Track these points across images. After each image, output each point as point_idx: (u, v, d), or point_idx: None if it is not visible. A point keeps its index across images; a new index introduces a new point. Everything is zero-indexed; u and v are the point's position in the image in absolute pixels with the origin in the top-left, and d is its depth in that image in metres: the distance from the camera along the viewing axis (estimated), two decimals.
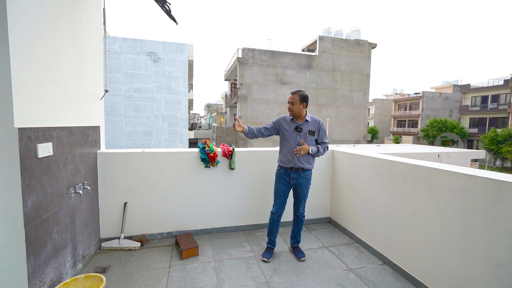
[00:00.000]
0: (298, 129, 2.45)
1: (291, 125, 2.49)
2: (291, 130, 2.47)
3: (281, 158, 2.54)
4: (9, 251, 1.49)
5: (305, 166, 2.46)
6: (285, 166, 2.49)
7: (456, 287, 1.81)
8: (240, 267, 2.38)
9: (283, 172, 2.51)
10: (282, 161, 2.51)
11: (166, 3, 2.32)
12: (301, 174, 2.48)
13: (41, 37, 1.70)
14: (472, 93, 30.21)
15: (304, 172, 2.49)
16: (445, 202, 1.88)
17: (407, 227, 2.22)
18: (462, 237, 1.76)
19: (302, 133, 2.45)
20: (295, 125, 2.47)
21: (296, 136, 2.45)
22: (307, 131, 2.46)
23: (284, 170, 2.51)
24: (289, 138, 2.46)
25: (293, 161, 2.44)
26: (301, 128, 2.45)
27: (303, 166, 2.45)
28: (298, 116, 2.48)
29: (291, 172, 2.48)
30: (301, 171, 2.47)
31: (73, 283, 1.74)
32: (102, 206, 2.71)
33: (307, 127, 2.47)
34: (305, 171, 2.49)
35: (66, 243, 2.00)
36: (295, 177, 2.48)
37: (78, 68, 2.23)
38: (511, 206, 1.50)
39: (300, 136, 2.44)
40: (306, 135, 2.46)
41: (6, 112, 1.43)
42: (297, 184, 2.50)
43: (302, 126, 2.46)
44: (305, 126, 2.47)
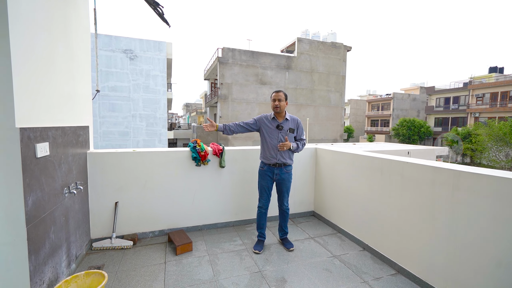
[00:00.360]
0: (279, 127, 2.61)
1: (272, 124, 2.63)
2: (273, 128, 2.62)
3: (264, 155, 2.67)
4: (11, 250, 1.50)
5: (287, 162, 2.64)
6: (269, 163, 2.63)
7: (425, 263, 2.09)
8: (234, 259, 2.51)
9: (267, 169, 2.66)
10: (266, 158, 2.64)
11: (159, 6, 2.38)
12: (284, 169, 2.65)
13: (37, 37, 1.71)
14: (436, 94, 32.66)
15: (286, 167, 2.66)
16: (415, 191, 2.16)
17: (383, 216, 2.49)
18: (429, 220, 2.05)
19: (283, 131, 2.61)
20: (276, 123, 2.62)
21: (278, 133, 2.60)
22: (287, 129, 2.63)
23: (268, 166, 2.65)
24: (272, 136, 2.61)
25: (276, 157, 2.60)
26: (282, 126, 2.61)
27: (285, 162, 2.63)
28: (282, 113, 2.64)
29: (274, 168, 2.63)
30: (283, 166, 2.64)
31: (74, 280, 1.76)
32: (92, 206, 2.70)
33: (287, 125, 2.64)
34: (287, 166, 2.67)
35: (61, 242, 2.00)
36: (278, 172, 2.64)
37: (69, 68, 2.23)
38: (468, 192, 1.79)
39: (282, 133, 2.60)
40: (287, 133, 2.62)
41: (8, 112, 1.45)
42: (280, 179, 2.67)
43: (283, 124, 2.63)
44: (285, 124, 2.64)
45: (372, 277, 2.25)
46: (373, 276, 2.26)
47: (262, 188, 2.70)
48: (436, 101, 32.90)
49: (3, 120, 1.44)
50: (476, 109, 27.25)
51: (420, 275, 2.12)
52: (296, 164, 3.51)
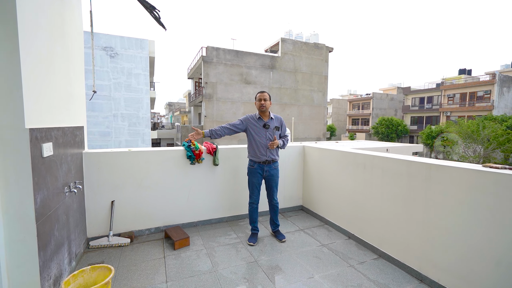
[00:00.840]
0: (266, 126, 2.76)
1: (259, 123, 2.78)
2: (260, 127, 2.76)
3: (253, 154, 2.80)
4: (22, 247, 1.56)
5: (275, 158, 2.84)
6: (259, 161, 2.78)
7: (403, 247, 2.35)
8: (230, 251, 2.66)
9: (257, 167, 2.80)
10: (256, 156, 2.78)
11: (155, 10, 2.46)
12: (272, 166, 2.83)
13: (40, 39, 1.76)
14: (412, 94, 34.41)
15: (274, 163, 2.85)
16: (394, 183, 2.42)
17: (366, 206, 2.74)
18: (406, 208, 2.31)
19: (270, 130, 2.77)
20: (263, 122, 2.78)
21: (266, 132, 2.76)
22: (274, 127, 2.80)
23: (258, 164, 2.80)
24: (260, 135, 2.75)
25: (266, 154, 2.77)
26: (269, 125, 2.77)
27: (274, 158, 2.82)
28: (267, 112, 2.79)
29: (264, 165, 2.79)
30: (272, 163, 2.82)
31: (81, 275, 1.83)
32: (88, 205, 2.73)
33: (273, 124, 2.81)
34: (275, 162, 2.86)
35: (64, 240, 2.05)
36: (268, 169, 2.81)
37: (66, 68, 2.26)
38: (437, 182, 2.06)
39: (269, 132, 2.77)
40: (274, 131, 2.80)
41: (18, 113, 1.50)
42: (269, 175, 2.84)
43: (269, 123, 2.79)
44: (271, 123, 2.80)
45: (357, 261, 2.49)
46: (357, 260, 2.50)
47: (253, 185, 2.85)
48: (412, 101, 34.68)
49: (13, 121, 1.49)
50: (447, 108, 29.01)
51: (399, 258, 2.38)
52: (285, 162, 3.71)
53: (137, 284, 2.11)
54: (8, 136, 1.48)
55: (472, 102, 27.04)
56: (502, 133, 16.61)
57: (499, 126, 16.82)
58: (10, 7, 1.45)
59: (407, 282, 2.17)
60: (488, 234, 1.75)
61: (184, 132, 20.09)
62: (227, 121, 19.26)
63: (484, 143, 17.19)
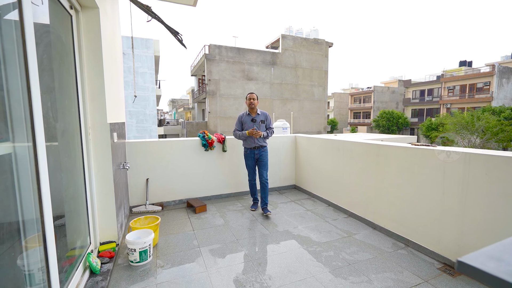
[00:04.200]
0: (253, 120, 3.53)
1: (248, 118, 3.55)
2: (249, 121, 3.53)
3: (246, 143, 3.59)
4: (106, 198, 2.45)
5: (263, 144, 3.58)
6: (250, 147, 3.54)
7: (363, 206, 3.20)
8: (237, 214, 3.55)
9: (249, 152, 3.58)
10: (248, 144, 3.56)
11: (179, 34, 3.30)
12: (261, 150, 3.57)
13: (108, 63, 2.61)
14: (413, 87, 34.76)
15: (263, 148, 3.58)
16: (358, 160, 3.26)
17: (339, 180, 3.59)
18: (365, 178, 3.15)
19: (256, 123, 3.52)
20: (251, 117, 3.54)
21: (253, 125, 3.52)
22: (259, 121, 3.55)
23: (250, 150, 3.57)
24: (249, 127, 3.51)
25: (255, 142, 3.52)
26: (256, 119, 3.53)
27: (262, 144, 3.56)
28: (255, 109, 3.54)
29: (254, 150, 3.55)
30: (260, 148, 3.56)
31: (138, 221, 2.74)
32: (130, 181, 3.63)
33: (259, 118, 3.55)
34: (264, 147, 3.60)
35: (122, 201, 2.95)
36: (258, 152, 3.56)
37: (117, 80, 3.13)
38: (384, 157, 2.89)
39: (255, 125, 3.51)
40: (260, 124, 3.54)
41: (103, 113, 2.37)
42: (260, 157, 3.57)
43: (256, 118, 3.54)
44: (258, 117, 3.55)
45: (331, 219, 3.36)
46: (332, 218, 3.37)
47: (249, 167, 3.66)
48: (413, 94, 35.02)
49: (101, 118, 2.36)
50: (447, 100, 29.38)
51: (361, 214, 3.25)
52: (281, 149, 4.57)
53: (174, 230, 3.01)
54: (98, 128, 2.35)
55: (471, 94, 27.39)
56: (496, 124, 17.20)
57: (492, 117, 17.40)
58: (98, 46, 2.31)
59: (364, 229, 3.04)
60: (413, 190, 2.60)
61: (189, 128, 20.97)
62: (231, 116, 20.11)
63: (479, 134, 17.81)
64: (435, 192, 2.37)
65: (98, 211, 2.42)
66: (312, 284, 2.05)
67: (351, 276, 2.15)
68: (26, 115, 1.27)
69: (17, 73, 1.24)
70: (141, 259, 2.30)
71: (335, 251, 2.55)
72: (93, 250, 2.34)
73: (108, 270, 2.14)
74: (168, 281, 2.09)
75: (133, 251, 2.27)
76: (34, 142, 1.30)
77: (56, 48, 1.85)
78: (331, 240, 2.78)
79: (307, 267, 2.29)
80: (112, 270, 2.19)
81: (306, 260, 2.40)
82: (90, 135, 2.31)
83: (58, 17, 1.88)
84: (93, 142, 2.33)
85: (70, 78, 2.06)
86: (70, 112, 2.05)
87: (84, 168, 2.22)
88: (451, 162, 2.24)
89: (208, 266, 2.30)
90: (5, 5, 1.20)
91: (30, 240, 1.31)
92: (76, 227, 2.11)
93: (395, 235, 2.78)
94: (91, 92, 2.30)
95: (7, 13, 1.22)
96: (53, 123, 1.76)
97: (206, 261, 2.38)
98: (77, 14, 2.16)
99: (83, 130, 2.22)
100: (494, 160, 1.96)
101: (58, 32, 1.89)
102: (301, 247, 2.64)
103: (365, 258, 2.42)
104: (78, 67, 2.16)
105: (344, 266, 2.29)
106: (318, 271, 2.23)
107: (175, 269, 2.26)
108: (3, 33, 1.19)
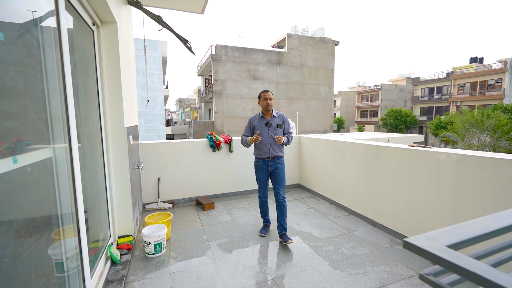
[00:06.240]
0: (268, 124, 2.81)
1: (261, 122, 2.84)
2: (262, 125, 2.82)
3: (257, 152, 2.89)
4: (124, 196, 2.68)
5: (279, 154, 2.87)
6: (263, 157, 2.86)
7: (363, 205, 3.35)
8: (243, 211, 3.75)
9: (262, 163, 2.87)
10: (259, 154, 2.87)
11: (188, 42, 3.50)
12: (277, 160, 2.87)
13: (125, 71, 2.84)
14: (421, 85, 34.24)
15: (279, 158, 2.88)
16: (358, 160, 3.41)
17: (342, 179, 3.75)
18: (365, 178, 3.30)
19: (272, 127, 2.82)
20: (265, 121, 2.83)
21: (268, 130, 2.81)
22: (276, 125, 2.84)
23: (262, 160, 2.87)
24: (262, 133, 2.81)
25: (269, 151, 2.83)
26: (271, 123, 2.82)
27: (277, 154, 2.86)
28: (270, 110, 2.84)
29: (268, 161, 2.86)
30: (276, 158, 2.87)
31: (152, 217, 2.97)
32: (143, 180, 3.88)
33: (275, 122, 2.84)
34: (279, 158, 2.89)
35: (137, 198, 3.19)
36: (272, 164, 2.86)
37: (131, 86, 3.36)
38: (383, 158, 3.04)
39: (271, 130, 2.81)
40: (276, 128, 2.84)
41: (120, 117, 2.60)
42: (274, 169, 2.87)
43: (271, 121, 2.83)
44: (273, 121, 2.84)
45: (333, 216, 3.52)
46: (333, 216, 3.54)
47: (260, 180, 2.95)
48: (421, 91, 34.50)
49: (119, 122, 2.59)
50: (457, 98, 28.87)
51: (361, 212, 3.40)
52: (286, 149, 4.74)
53: (184, 226, 3.24)
54: (117, 131, 2.59)
55: (482, 91, 26.85)
56: (507, 122, 16.88)
57: (503, 115, 17.08)
58: (116, 58, 2.53)
59: (363, 226, 3.20)
60: (409, 189, 2.74)
61: (196, 127, 21.30)
62: (237, 116, 20.34)
63: (489, 132, 17.52)
64: (430, 191, 2.52)
65: (117, 207, 2.66)
66: (312, 275, 2.24)
67: (348, 269, 2.32)
68: (63, 122, 1.49)
69: (56, 86, 1.46)
70: (156, 251, 2.52)
71: (335, 246, 2.72)
72: (113, 243, 2.58)
73: (127, 260, 2.38)
74: (181, 271, 2.31)
75: (149, 244, 2.49)
76: (70, 145, 1.52)
77: (82, 62, 2.08)
78: (331, 236, 2.95)
79: (307, 260, 2.47)
80: (130, 261, 2.42)
81: (307, 254, 2.58)
82: (110, 138, 2.54)
83: (82, 34, 2.11)
84: (112, 145, 2.57)
85: (93, 88, 2.29)
86: (93, 118, 2.28)
87: (104, 169, 2.46)
88: (444, 163, 2.38)
89: (217, 258, 2.51)
90: (46, 28, 1.42)
91: (65, 230, 1.54)
92: (99, 222, 2.35)
93: (393, 232, 2.93)
94: (110, 99, 2.53)
95: (48, 37, 1.44)
96: (80, 128, 1.98)
97: (214, 254, 2.59)
98: (97, 29, 2.38)
99: (104, 134, 2.45)
100: (482, 161, 2.10)
101: (83, 47, 2.12)
102: (303, 242, 2.82)
103: (363, 253, 2.58)
104: (99, 77, 2.39)
105: (343, 260, 2.46)
106: (318, 263, 2.41)
107: (187, 261, 2.48)
108: (46, 54, 1.41)
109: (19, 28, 1.20)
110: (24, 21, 1.24)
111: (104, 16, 2.33)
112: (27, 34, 1.25)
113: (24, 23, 1.24)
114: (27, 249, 1.19)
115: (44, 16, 1.38)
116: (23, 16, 1.23)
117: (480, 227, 0.74)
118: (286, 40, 21.70)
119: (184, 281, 2.17)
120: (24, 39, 1.24)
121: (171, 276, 2.24)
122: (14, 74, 1.16)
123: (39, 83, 1.32)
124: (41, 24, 1.35)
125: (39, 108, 1.32)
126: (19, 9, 1.21)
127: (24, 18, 1.24)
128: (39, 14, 1.33)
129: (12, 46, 1.15)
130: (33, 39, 1.29)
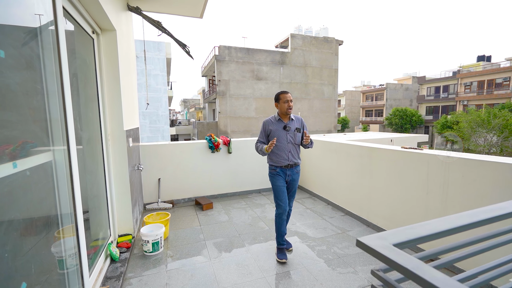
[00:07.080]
0: (286, 128, 2.52)
1: (278, 125, 2.54)
2: (280, 129, 2.52)
3: (274, 159, 2.54)
4: (123, 197, 2.79)
5: (298, 162, 2.58)
6: (280, 165, 2.52)
7: (358, 205, 3.40)
8: (241, 211, 3.83)
9: (279, 171, 2.53)
10: (277, 161, 2.53)
11: (186, 47, 3.60)
12: (294, 170, 2.58)
13: (124, 75, 2.95)
14: (427, 84, 33.83)
15: (296, 167, 2.59)
16: (353, 161, 3.46)
17: (337, 180, 3.80)
18: (360, 179, 3.35)
19: (290, 132, 2.54)
20: (283, 124, 2.54)
21: (286, 134, 2.51)
22: (294, 129, 2.56)
23: (280, 168, 2.54)
24: (280, 138, 2.51)
25: (288, 158, 2.52)
26: (290, 127, 2.54)
27: (296, 162, 2.56)
28: (289, 114, 2.58)
29: (286, 169, 2.54)
30: (294, 167, 2.56)
31: (151, 217, 3.07)
32: (143, 181, 3.99)
33: (293, 125, 2.57)
34: (297, 166, 2.59)
35: (137, 199, 3.30)
36: (290, 174, 2.55)
37: (131, 89, 3.47)
38: (376, 159, 3.08)
39: (289, 134, 2.53)
40: (294, 133, 2.55)
41: (120, 121, 2.70)
42: (291, 180, 2.58)
43: (289, 125, 2.55)
44: (291, 124, 2.56)
45: (329, 216, 3.58)
46: (329, 216, 3.59)
47: (280, 189, 2.52)
48: (427, 90, 34.09)
49: (119, 126, 2.70)
50: (464, 97, 28.44)
51: (356, 213, 3.45)
52: None
53: (183, 226, 3.34)
54: (116, 134, 2.69)
55: (490, 90, 26.40)
56: None
57: (511, 115, 16.79)
58: (116, 65, 2.64)
59: (358, 226, 3.25)
60: (401, 190, 2.79)
61: (200, 128, 21.47)
62: (240, 116, 20.44)
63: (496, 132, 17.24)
64: (421, 192, 2.56)
65: (117, 207, 2.77)
66: (303, 273, 2.30)
67: (339, 268, 2.38)
68: (62, 125, 1.60)
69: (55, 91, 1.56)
70: (153, 250, 2.62)
71: (328, 246, 2.78)
72: (113, 241, 2.69)
73: (125, 258, 2.48)
74: (177, 269, 2.40)
75: (147, 242, 2.60)
76: (68, 148, 1.62)
77: (82, 69, 2.19)
78: (325, 236, 3.01)
79: (300, 259, 2.53)
80: (129, 258, 2.53)
81: (300, 253, 2.65)
82: (110, 141, 2.65)
83: (82, 42, 2.22)
84: (112, 147, 2.67)
85: (93, 93, 2.40)
86: (94, 122, 2.39)
87: (104, 170, 2.56)
88: (433, 165, 2.42)
89: (212, 257, 2.60)
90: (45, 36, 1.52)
91: (65, 229, 1.64)
92: (99, 221, 2.46)
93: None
94: (110, 104, 2.64)
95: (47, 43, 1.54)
96: (81, 132, 2.09)
97: (210, 253, 2.68)
98: (97, 37, 2.49)
99: (104, 137, 2.56)
100: (468, 164, 2.14)
101: (83, 54, 2.23)
102: (297, 242, 2.88)
103: (354, 252, 2.64)
104: (99, 83, 2.50)
105: (334, 259, 2.52)
106: (310, 262, 2.47)
107: (183, 259, 2.57)
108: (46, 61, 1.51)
109: (19, 38, 1.31)
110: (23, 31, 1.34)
111: (103, 24, 2.44)
112: (27, 44, 1.36)
113: (24, 33, 1.34)
114: (30, 249, 1.29)
115: (44, 26, 1.48)
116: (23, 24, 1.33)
117: (431, 228, 0.81)
118: (289, 40, 21.71)
119: (179, 278, 2.27)
120: (23, 49, 1.34)
121: (167, 273, 2.33)
122: (16, 79, 1.26)
123: (39, 93, 1.42)
124: (40, 33, 1.45)
125: (39, 113, 1.42)
126: (19, 18, 1.31)
127: (24, 29, 1.34)
128: (38, 24, 1.43)
129: (12, 54, 1.25)
130: (32, 47, 1.39)
